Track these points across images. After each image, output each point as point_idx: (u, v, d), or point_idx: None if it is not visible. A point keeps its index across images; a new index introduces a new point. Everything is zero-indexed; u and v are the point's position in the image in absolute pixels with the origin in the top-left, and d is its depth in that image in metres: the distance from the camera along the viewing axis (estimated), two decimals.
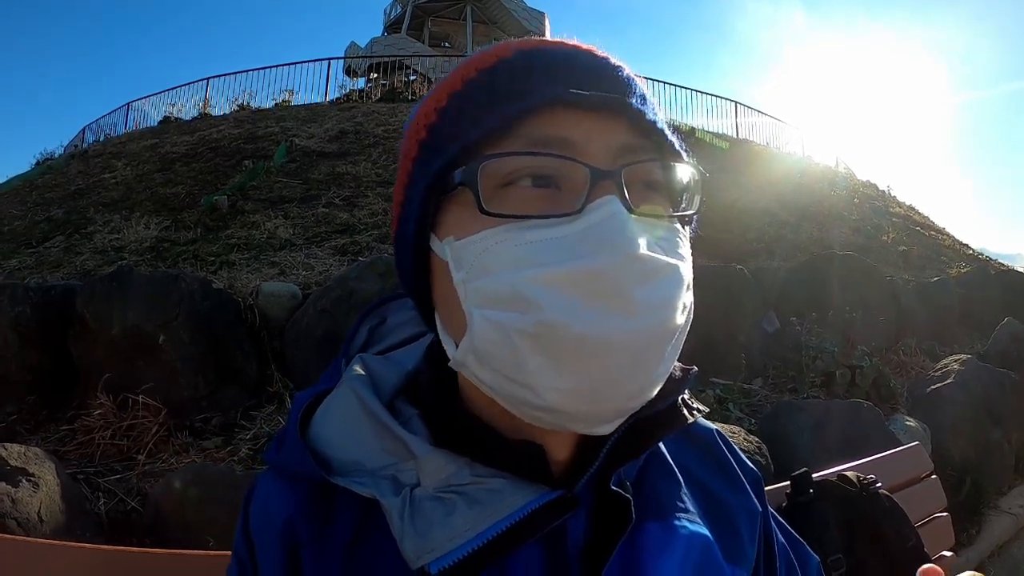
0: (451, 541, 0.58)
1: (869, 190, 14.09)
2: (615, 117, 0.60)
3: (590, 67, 0.63)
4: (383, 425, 0.66)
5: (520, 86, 0.60)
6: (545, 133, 0.58)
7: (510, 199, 0.58)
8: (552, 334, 0.54)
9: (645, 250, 0.55)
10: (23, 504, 2.33)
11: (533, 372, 0.55)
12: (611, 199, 0.56)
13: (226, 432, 3.69)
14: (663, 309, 0.56)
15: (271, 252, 5.93)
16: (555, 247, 0.55)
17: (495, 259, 0.57)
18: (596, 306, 0.53)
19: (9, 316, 3.87)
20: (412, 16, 26.11)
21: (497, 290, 0.56)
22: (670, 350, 0.59)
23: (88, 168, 10.43)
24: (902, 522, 1.52)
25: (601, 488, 0.65)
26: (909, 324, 6.54)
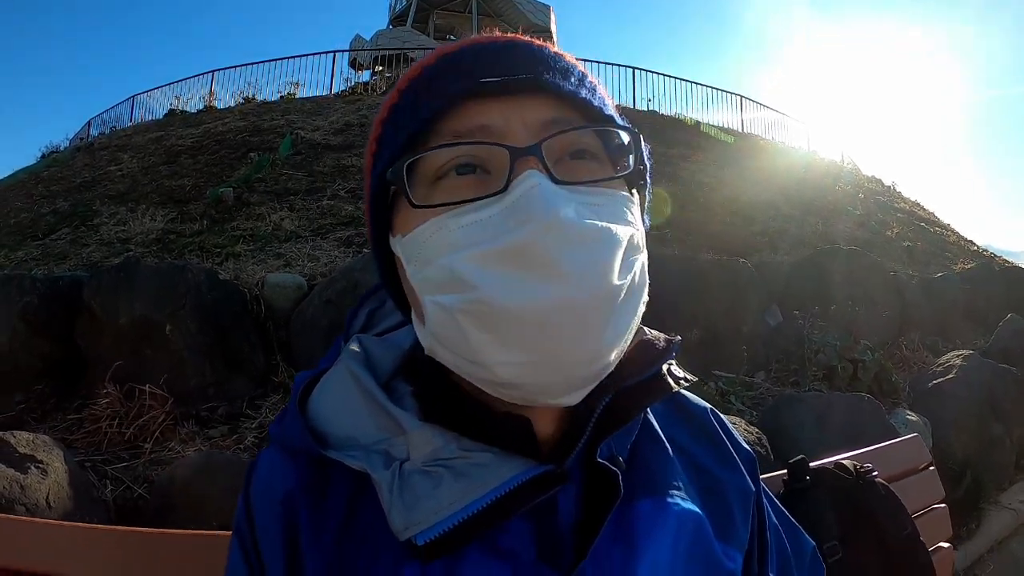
0: (437, 514, 0.59)
1: (874, 185, 14.05)
2: (533, 96, 0.64)
3: (502, 55, 0.66)
4: (376, 402, 0.67)
5: (437, 88, 0.64)
6: (464, 125, 0.62)
7: (442, 191, 0.62)
8: (489, 310, 0.56)
9: (567, 216, 0.57)
10: (31, 490, 2.36)
11: (480, 349, 0.58)
12: (531, 173, 0.58)
13: (232, 421, 3.72)
14: (593, 272, 0.57)
15: (276, 244, 5.95)
16: (484, 227, 0.58)
17: (434, 248, 0.60)
18: (524, 278, 0.55)
19: (17, 306, 3.90)
20: (417, 9, 26.01)
21: (439, 276, 0.60)
22: (616, 312, 0.59)
23: (94, 161, 10.46)
24: (898, 510, 1.52)
25: (591, 464, 0.66)
26: (912, 319, 6.53)
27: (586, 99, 0.65)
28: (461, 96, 0.63)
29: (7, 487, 2.29)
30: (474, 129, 0.62)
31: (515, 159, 0.59)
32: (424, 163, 0.63)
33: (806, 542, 0.91)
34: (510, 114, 0.62)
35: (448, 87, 0.63)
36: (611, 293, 0.58)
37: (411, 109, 0.66)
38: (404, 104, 0.68)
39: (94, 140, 13.43)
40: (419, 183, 0.63)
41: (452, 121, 0.63)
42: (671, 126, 13.08)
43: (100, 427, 3.32)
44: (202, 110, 13.45)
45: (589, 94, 0.67)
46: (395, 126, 0.67)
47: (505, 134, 0.61)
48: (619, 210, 0.63)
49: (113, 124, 15.47)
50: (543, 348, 0.56)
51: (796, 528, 0.90)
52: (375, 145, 0.70)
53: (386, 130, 0.69)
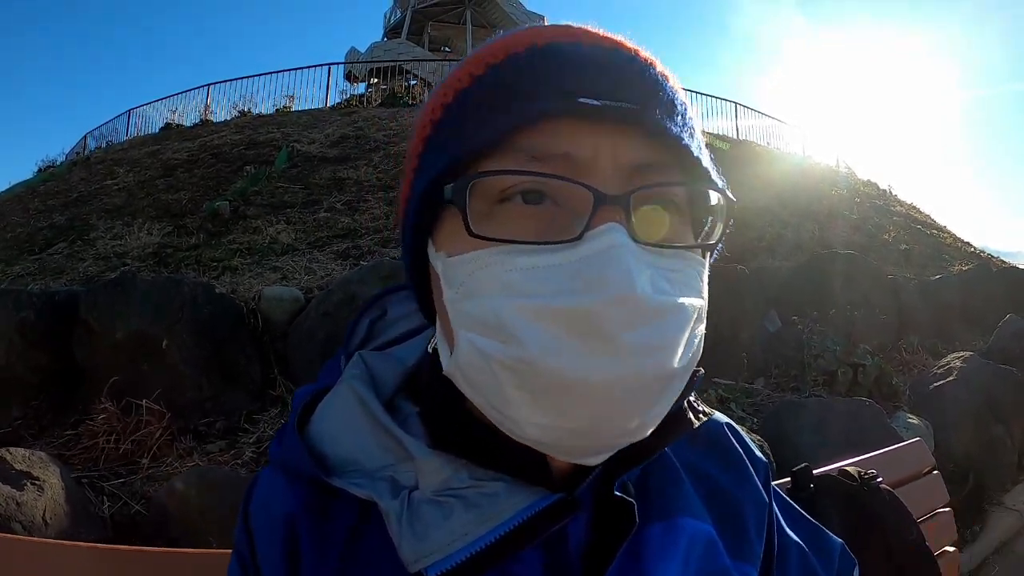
0: (449, 545, 0.57)
1: (870, 189, 14.08)
2: (630, 129, 0.55)
3: (607, 69, 0.57)
4: (381, 425, 0.65)
5: (526, 89, 0.56)
6: (546, 147, 0.54)
7: (505, 217, 0.55)
8: (531, 371, 0.51)
9: (643, 290, 0.51)
10: (28, 507, 2.34)
11: (513, 405, 0.53)
12: (613, 227, 0.52)
13: (230, 436, 3.69)
14: (655, 352, 0.52)
15: (273, 257, 5.93)
16: (545, 277, 0.52)
17: (483, 283, 0.54)
18: (579, 346, 0.50)
19: (13, 321, 3.88)
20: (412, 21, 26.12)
21: (482, 316, 0.54)
22: (667, 392, 0.55)
23: (90, 174, 10.44)
24: (903, 517, 1.51)
25: (603, 491, 0.64)
26: (911, 322, 6.54)
27: (687, 147, 0.57)
28: (554, 114, 0.54)
29: (3, 504, 2.28)
30: (556, 155, 0.54)
31: (599, 205, 0.52)
32: (488, 182, 0.55)
33: (832, 541, 0.87)
34: (601, 146, 0.54)
35: (537, 98, 0.54)
36: (666, 375, 0.53)
37: (485, 106, 0.57)
38: (478, 96, 0.58)
39: (91, 154, 13.44)
40: (478, 199, 0.55)
41: (532, 136, 0.54)
42: None
43: (97, 443, 3.30)
44: (198, 123, 13.46)
45: (690, 139, 0.58)
46: (462, 123, 0.59)
47: (591, 170, 0.54)
48: (693, 280, 0.58)
49: (109, 138, 15.53)
50: (584, 420, 0.52)
51: (818, 529, 0.88)
52: (431, 129, 0.62)
53: (449, 120, 0.60)
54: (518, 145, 0.54)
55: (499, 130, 0.54)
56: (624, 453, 0.61)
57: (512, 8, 25.65)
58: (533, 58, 0.57)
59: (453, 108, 0.60)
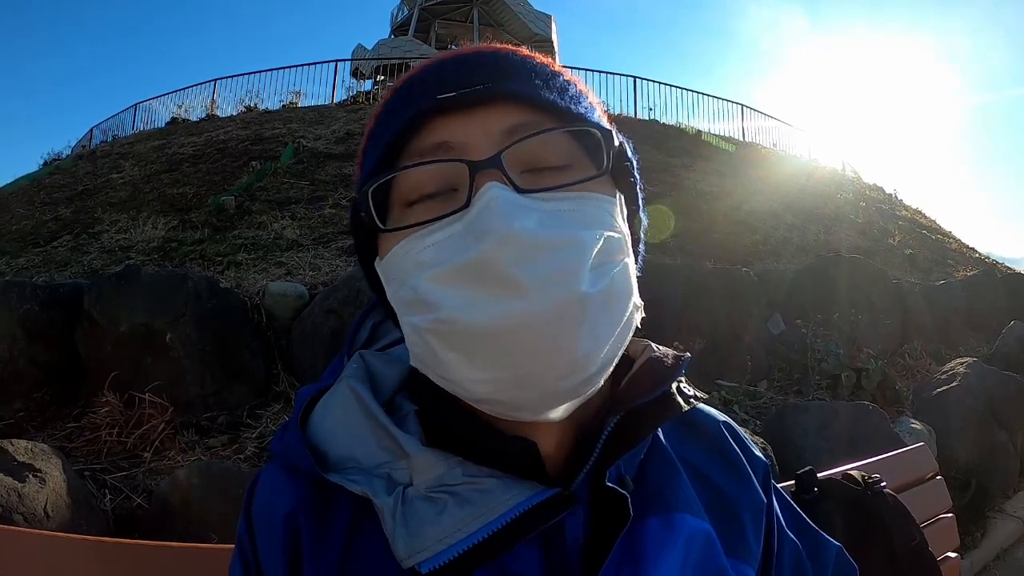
0: (441, 542, 0.57)
1: (876, 193, 14.07)
2: (495, 105, 0.62)
3: (461, 69, 0.64)
4: (379, 423, 0.66)
5: (401, 110, 0.64)
6: (426, 143, 0.62)
7: (416, 214, 0.61)
8: (451, 329, 0.55)
9: (524, 227, 0.55)
10: (29, 499, 2.34)
11: (450, 367, 0.57)
12: (491, 186, 0.57)
13: (232, 431, 3.70)
14: (555, 283, 0.54)
15: (278, 252, 5.95)
16: (447, 246, 0.57)
17: (404, 269, 0.60)
18: (482, 296, 0.54)
19: (17, 313, 3.89)
20: (419, 18, 26.13)
21: (408, 296, 0.60)
22: (590, 321, 0.56)
23: (96, 168, 10.48)
24: (906, 521, 1.51)
25: (599, 484, 0.64)
26: (915, 327, 6.53)
27: (551, 100, 0.63)
28: (420, 115, 0.62)
29: (5, 496, 2.28)
30: (436, 146, 0.61)
31: (475, 173, 0.58)
32: (396, 188, 0.63)
33: (829, 545, 0.87)
34: (471, 127, 0.61)
35: (408, 108, 0.63)
36: (579, 303, 0.55)
37: (381, 132, 0.66)
38: (376, 130, 0.68)
39: (96, 148, 13.45)
40: (394, 207, 0.64)
41: (415, 141, 0.62)
42: (672, 135, 13.07)
43: (99, 435, 3.31)
44: (204, 118, 13.51)
45: (555, 94, 0.65)
46: (369, 151, 0.68)
47: (467, 148, 0.60)
48: (593, 214, 0.61)
49: (115, 132, 15.54)
50: (511, 365, 0.55)
51: (816, 532, 0.88)
52: (359, 170, 0.71)
53: (364, 156, 0.70)
54: (407, 150, 0.63)
55: (385, 142, 0.63)
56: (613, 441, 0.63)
57: (519, 7, 25.63)
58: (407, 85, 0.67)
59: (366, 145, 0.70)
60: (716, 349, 4.86)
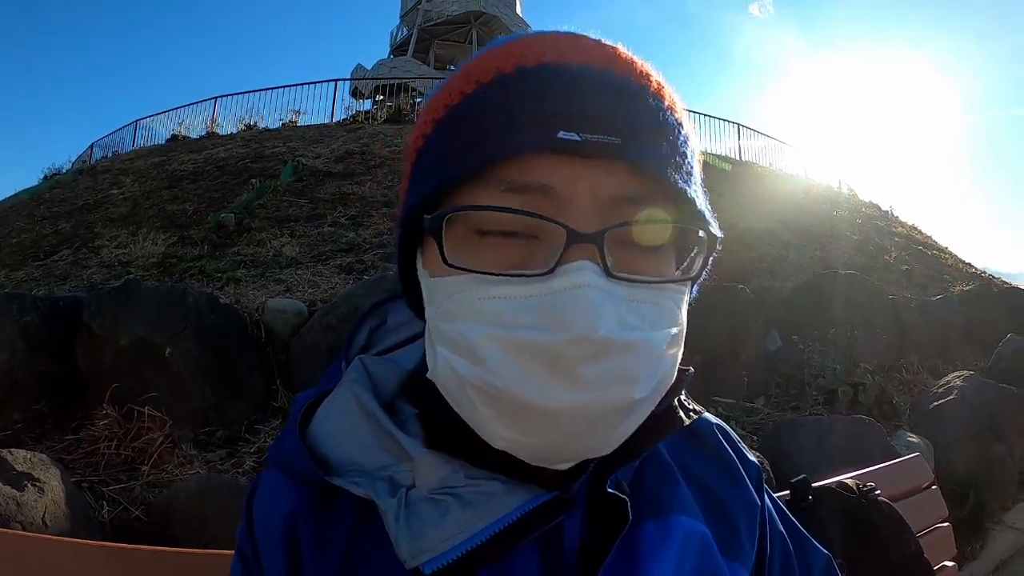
0: (444, 542, 0.58)
1: (871, 210, 14.10)
2: (611, 163, 0.55)
3: (591, 97, 0.56)
4: (381, 426, 0.66)
5: (508, 118, 0.55)
6: (524, 179, 0.55)
7: (484, 247, 0.57)
8: (497, 394, 0.54)
9: (606, 330, 0.52)
10: (28, 508, 2.34)
11: (483, 420, 0.56)
12: (583, 265, 0.53)
13: (231, 445, 3.70)
14: (616, 385, 0.54)
15: (277, 269, 5.95)
16: (515, 308, 0.53)
17: (458, 307, 0.56)
18: (542, 377, 0.52)
19: (17, 325, 3.89)
20: (418, 39, 26.29)
21: (456, 338, 0.56)
22: (630, 417, 0.57)
23: (96, 183, 10.49)
24: (902, 528, 1.52)
25: (597, 488, 0.65)
26: (912, 342, 6.53)
27: (672, 182, 0.57)
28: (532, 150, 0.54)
29: (4, 504, 2.28)
30: (535, 186, 0.54)
31: (571, 243, 0.53)
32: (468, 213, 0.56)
33: (817, 554, 0.88)
34: (579, 179, 0.54)
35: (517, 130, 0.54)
36: (630, 405, 0.56)
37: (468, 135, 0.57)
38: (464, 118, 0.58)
39: (97, 163, 13.48)
40: (459, 227, 0.57)
41: (511, 167, 0.55)
42: None
43: (98, 448, 3.30)
44: (204, 136, 13.51)
45: (676, 171, 0.58)
46: (447, 146, 0.59)
47: (568, 203, 0.54)
48: (668, 310, 0.59)
49: (116, 148, 15.59)
50: (547, 440, 0.56)
51: (806, 540, 0.88)
52: (422, 143, 0.63)
53: (438, 138, 0.61)
54: (497, 176, 0.55)
55: (478, 160, 0.55)
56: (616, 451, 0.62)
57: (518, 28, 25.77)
58: (518, 82, 0.57)
59: (443, 125, 0.60)
60: (714, 366, 4.86)
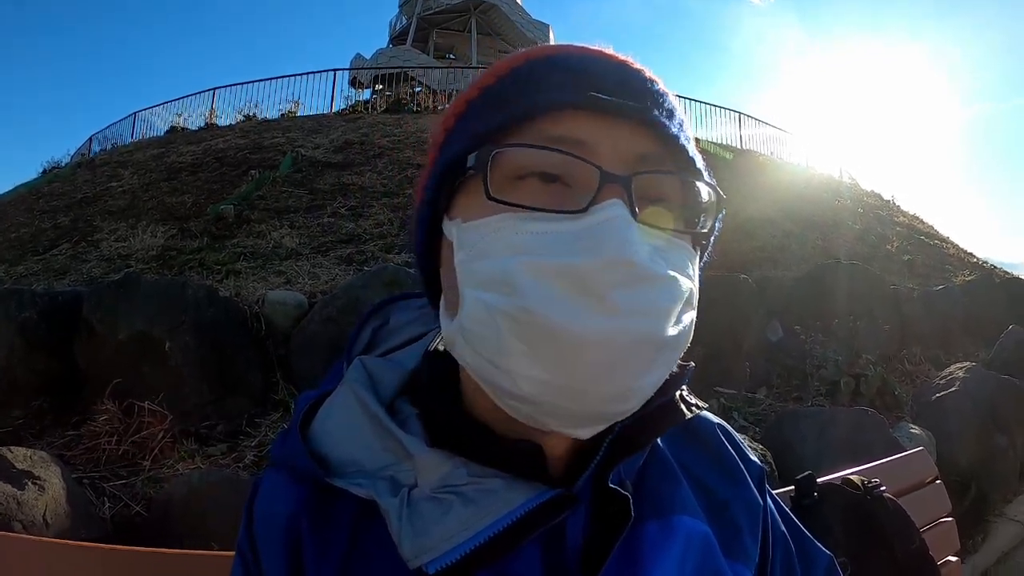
0: (448, 541, 0.58)
1: (873, 200, 14.09)
2: (635, 126, 0.61)
3: (615, 74, 0.63)
4: (382, 425, 0.66)
5: (543, 86, 0.61)
6: (560, 132, 0.59)
7: (520, 191, 0.59)
8: (532, 320, 0.54)
9: (639, 256, 0.55)
10: (28, 507, 2.34)
11: (512, 357, 0.56)
12: (615, 202, 0.56)
13: (231, 439, 3.69)
14: (648, 315, 0.55)
15: (277, 261, 5.95)
16: (552, 241, 0.56)
17: (495, 244, 0.58)
18: (576, 302, 0.53)
19: (16, 321, 3.88)
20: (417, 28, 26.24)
21: (491, 272, 0.57)
22: (659, 360, 0.58)
23: (95, 177, 10.48)
24: (906, 525, 1.52)
25: (600, 486, 0.65)
26: (914, 333, 6.53)
27: (684, 147, 0.63)
28: (568, 104, 0.60)
29: (4, 503, 2.28)
30: (569, 139, 0.59)
31: (604, 183, 0.57)
32: (507, 158, 0.60)
33: (819, 554, 0.89)
34: (609, 136, 0.60)
35: (554, 89, 0.61)
36: (660, 340, 0.56)
37: (507, 97, 0.63)
38: (500, 90, 0.65)
39: (95, 156, 13.45)
40: (498, 175, 0.60)
41: (548, 124, 0.60)
42: None
43: (98, 443, 3.30)
44: (203, 127, 13.50)
45: (687, 141, 0.65)
46: (485, 109, 0.64)
47: (598, 154, 0.59)
48: (685, 263, 0.62)
49: (114, 140, 15.54)
50: (573, 374, 0.55)
51: (808, 540, 0.89)
52: (454, 120, 0.68)
53: (472, 109, 0.66)
54: (536, 128, 0.60)
55: (520, 113, 0.60)
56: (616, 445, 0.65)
57: (518, 17, 25.78)
58: (550, 62, 0.64)
59: (477, 101, 0.66)
60: (715, 356, 4.85)
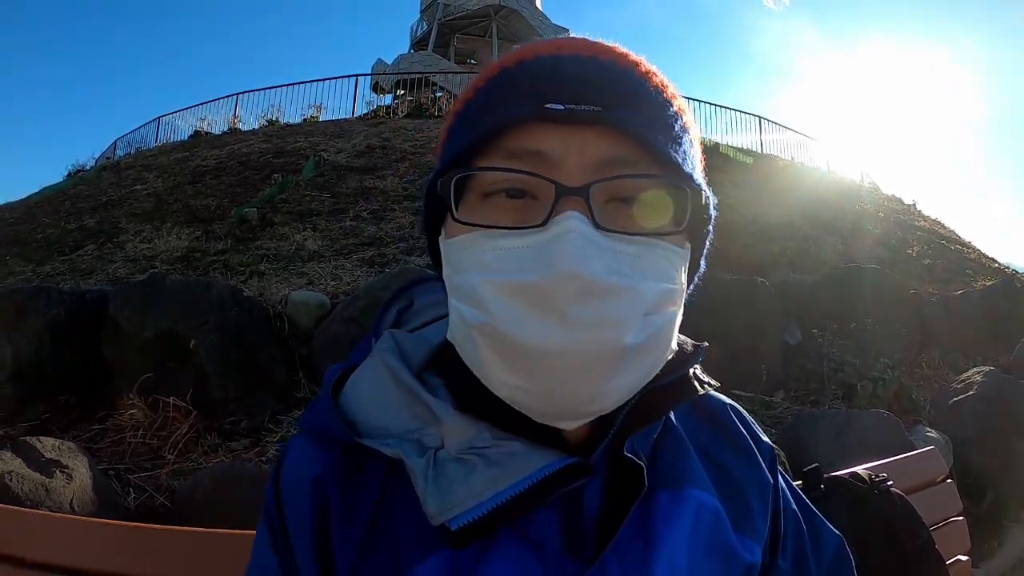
0: (471, 500, 0.61)
1: (894, 204, 13.91)
2: (600, 130, 0.61)
3: (578, 76, 0.64)
4: (411, 392, 0.69)
5: (505, 100, 0.64)
6: (522, 145, 0.62)
7: (490, 208, 0.63)
8: (497, 335, 0.59)
9: (591, 270, 0.57)
10: (56, 494, 2.41)
11: (488, 365, 0.61)
12: (571, 215, 0.58)
13: (254, 434, 3.75)
14: (604, 327, 0.57)
15: (299, 263, 6.00)
16: (512, 258, 0.59)
17: (467, 260, 0.63)
18: (536, 317, 0.57)
19: (45, 318, 3.97)
20: (438, 33, 26.27)
21: (464, 287, 0.62)
22: (627, 365, 0.60)
23: (120, 179, 10.59)
24: (913, 519, 1.51)
25: (615, 457, 0.68)
26: (933, 337, 6.45)
27: (655, 140, 0.63)
28: (525, 118, 0.62)
29: (32, 490, 2.34)
30: (530, 152, 0.61)
31: (560, 196, 0.59)
32: (478, 177, 0.64)
33: (830, 535, 0.90)
34: (568, 145, 0.61)
35: (512, 105, 0.63)
36: (619, 351, 0.59)
37: (478, 114, 0.66)
38: (474, 105, 0.68)
39: (120, 160, 13.57)
40: (470, 195, 0.65)
41: (510, 139, 0.62)
42: None
43: (124, 437, 3.36)
44: (226, 132, 13.64)
45: (661, 133, 0.64)
46: (461, 128, 0.68)
47: (559, 165, 0.61)
48: (659, 264, 0.63)
49: (139, 144, 15.70)
50: (542, 381, 0.59)
51: (819, 521, 0.91)
52: (445, 135, 0.72)
53: (453, 129, 0.70)
54: (499, 145, 0.63)
55: (484, 132, 0.63)
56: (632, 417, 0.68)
57: (538, 22, 25.75)
58: (516, 71, 0.66)
59: (460, 114, 0.70)
60: (733, 359, 4.84)
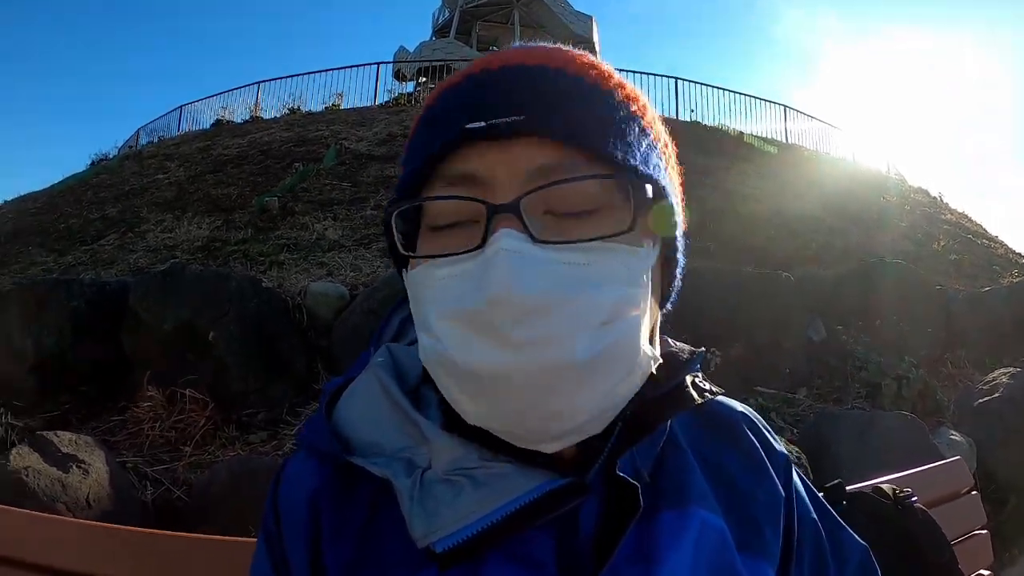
0: (456, 522, 0.59)
1: (921, 196, 13.75)
2: (527, 139, 0.59)
3: (499, 88, 0.62)
4: (402, 410, 0.68)
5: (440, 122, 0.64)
6: (457, 170, 0.61)
7: (439, 238, 0.63)
8: (452, 364, 0.58)
9: (519, 289, 0.54)
10: (72, 489, 2.42)
11: (452, 393, 0.61)
12: (503, 233, 0.56)
13: (272, 427, 3.77)
14: (550, 344, 0.55)
15: (320, 253, 6.02)
16: (456, 285, 0.58)
17: (420, 291, 0.63)
18: (480, 343, 0.56)
19: (65, 310, 4.01)
20: (460, 20, 26.19)
21: (420, 318, 0.63)
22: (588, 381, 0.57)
23: (142, 169, 10.67)
24: (937, 537, 1.49)
25: (613, 475, 0.65)
26: (959, 335, 6.36)
27: (588, 139, 0.60)
28: (453, 143, 0.61)
29: (49, 485, 2.36)
30: (464, 176, 0.61)
31: (492, 215, 0.58)
32: (426, 211, 0.65)
33: (854, 545, 0.87)
34: (498, 163, 0.60)
35: (440, 130, 0.62)
36: (569, 367, 0.56)
37: (419, 141, 0.67)
38: (414, 142, 0.69)
39: (142, 149, 13.66)
40: (423, 228, 0.66)
41: (444, 166, 0.62)
42: (714, 137, 12.89)
43: (142, 429, 3.39)
44: (248, 120, 13.69)
45: (591, 132, 0.61)
46: (408, 154, 0.68)
47: (492, 184, 0.59)
48: (609, 268, 0.59)
49: (161, 133, 15.77)
50: (502, 405, 0.58)
51: (842, 529, 0.87)
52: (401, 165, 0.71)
53: (405, 156, 0.70)
54: (438, 173, 0.63)
55: (423, 161, 0.63)
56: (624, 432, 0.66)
57: (560, 8, 25.58)
58: (447, 95, 0.67)
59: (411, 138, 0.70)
60: (756, 355, 4.79)
